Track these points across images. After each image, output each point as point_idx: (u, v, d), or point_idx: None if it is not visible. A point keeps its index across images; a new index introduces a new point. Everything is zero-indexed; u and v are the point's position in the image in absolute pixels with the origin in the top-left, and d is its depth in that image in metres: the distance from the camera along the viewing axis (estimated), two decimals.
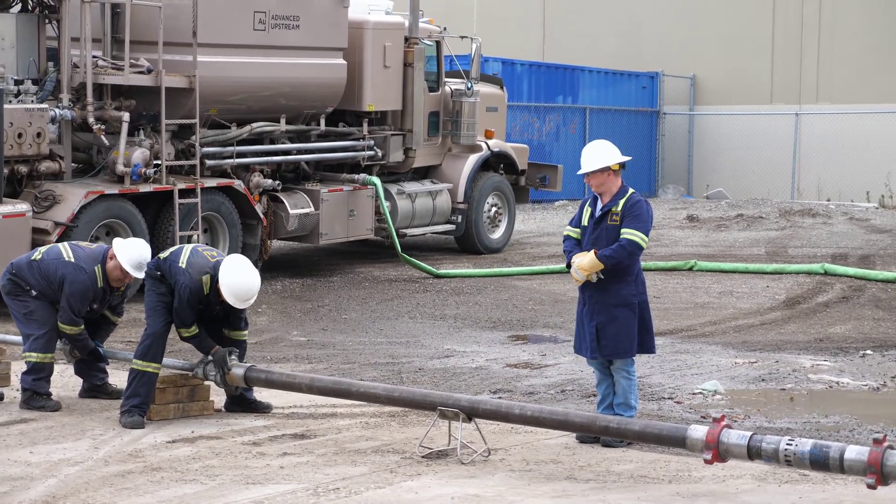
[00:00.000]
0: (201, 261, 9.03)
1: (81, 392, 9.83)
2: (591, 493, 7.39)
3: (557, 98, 29.10)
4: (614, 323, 8.57)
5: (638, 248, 8.49)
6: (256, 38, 15.90)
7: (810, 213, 25.25)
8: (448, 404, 8.15)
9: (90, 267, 9.32)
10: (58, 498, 7.13)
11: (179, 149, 15.42)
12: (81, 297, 9.30)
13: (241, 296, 8.93)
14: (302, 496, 7.23)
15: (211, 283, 8.95)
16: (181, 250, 9.15)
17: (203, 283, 8.94)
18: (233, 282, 8.90)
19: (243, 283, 8.92)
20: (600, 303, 8.61)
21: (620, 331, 8.57)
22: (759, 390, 10.63)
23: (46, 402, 9.38)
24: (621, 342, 8.58)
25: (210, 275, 8.95)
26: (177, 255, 9.10)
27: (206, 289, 8.95)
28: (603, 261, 8.48)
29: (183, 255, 9.07)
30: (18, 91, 14.00)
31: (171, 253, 9.20)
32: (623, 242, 8.48)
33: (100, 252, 9.46)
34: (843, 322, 14.08)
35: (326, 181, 17.55)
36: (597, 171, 8.60)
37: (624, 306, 8.58)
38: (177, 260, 9.04)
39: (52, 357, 9.45)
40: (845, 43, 29.43)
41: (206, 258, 9.08)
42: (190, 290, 8.89)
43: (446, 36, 19.42)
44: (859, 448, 6.73)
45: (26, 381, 9.39)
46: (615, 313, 8.57)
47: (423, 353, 12.22)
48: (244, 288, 8.93)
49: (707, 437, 7.14)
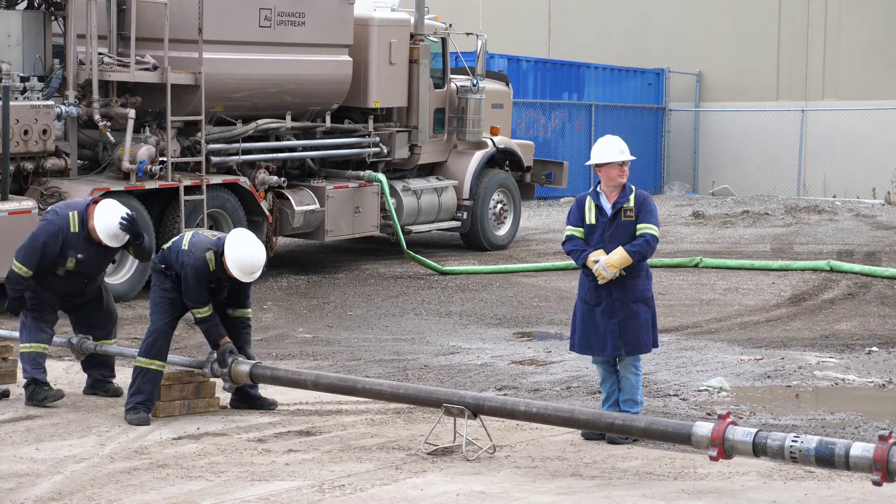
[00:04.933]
0: (203, 240, 9.06)
1: (85, 388, 9.84)
2: (596, 489, 7.39)
3: (563, 95, 29.08)
4: (635, 318, 8.59)
5: (657, 241, 8.56)
6: (262, 34, 15.90)
7: (816, 209, 25.22)
8: (453, 401, 8.15)
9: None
10: (63, 494, 7.14)
11: (185, 146, 15.43)
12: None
13: (247, 268, 8.90)
14: (307, 493, 7.23)
15: (216, 258, 8.93)
16: (182, 237, 9.18)
17: (207, 259, 8.91)
18: (238, 255, 8.88)
19: (249, 256, 8.89)
20: (621, 299, 8.60)
21: (641, 326, 8.62)
22: (764, 387, 10.62)
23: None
24: (641, 337, 8.62)
25: (213, 251, 8.94)
26: (178, 241, 9.13)
27: (211, 265, 8.93)
28: (633, 256, 8.50)
29: (184, 239, 9.10)
30: (24, 88, 14.01)
31: (173, 242, 9.22)
32: (647, 237, 8.52)
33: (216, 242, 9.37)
34: (848, 319, 14.07)
35: (332, 178, 17.55)
36: (617, 163, 8.61)
37: (642, 302, 8.65)
38: (179, 245, 9.06)
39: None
40: (851, 39, 29.38)
41: (208, 237, 9.12)
42: (196, 269, 8.88)
43: (452, 32, 19.41)
44: (865, 445, 6.73)
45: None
46: (635, 309, 8.60)
47: (429, 349, 12.23)
48: (249, 260, 8.89)
49: (712, 433, 7.13)
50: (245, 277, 8.94)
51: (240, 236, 9.02)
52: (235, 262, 8.88)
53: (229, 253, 8.89)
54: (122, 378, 9.80)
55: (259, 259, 8.96)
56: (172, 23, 14.76)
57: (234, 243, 8.92)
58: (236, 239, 8.97)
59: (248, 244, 8.95)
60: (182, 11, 14.99)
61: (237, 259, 8.88)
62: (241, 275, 8.91)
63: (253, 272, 8.96)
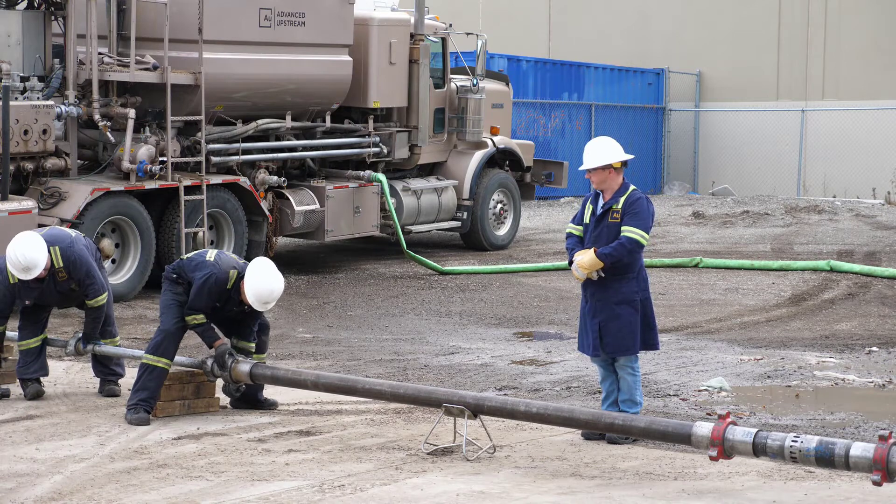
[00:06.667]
0: (230, 259, 9.26)
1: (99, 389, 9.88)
2: (596, 489, 7.39)
3: (563, 95, 29.08)
4: (617, 320, 8.56)
5: (638, 245, 8.48)
6: (262, 34, 15.90)
7: (816, 209, 25.22)
8: (453, 401, 8.16)
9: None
10: (63, 494, 7.14)
11: (185, 145, 15.43)
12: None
13: (263, 297, 8.97)
14: (307, 493, 7.24)
15: (236, 279, 9.03)
16: (206, 252, 9.31)
17: (230, 276, 9.03)
18: (257, 282, 8.97)
19: (268, 285, 8.97)
20: (602, 300, 8.60)
21: (623, 328, 8.56)
22: (764, 387, 10.62)
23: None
24: (624, 339, 8.57)
25: (237, 271, 9.06)
26: (202, 254, 9.27)
27: (230, 283, 9.02)
28: (603, 259, 8.47)
29: (209, 254, 9.24)
30: (24, 88, 14.01)
31: (196, 253, 9.35)
32: (623, 240, 8.47)
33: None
34: (848, 319, 14.07)
35: (332, 178, 17.55)
36: (598, 168, 8.59)
37: (626, 304, 8.57)
38: (202, 257, 9.20)
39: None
40: (851, 39, 29.39)
41: (235, 259, 9.31)
42: (216, 278, 8.98)
43: (452, 32, 19.41)
44: (865, 445, 6.73)
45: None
46: (617, 311, 8.56)
47: (429, 349, 12.23)
48: (267, 290, 8.97)
49: (712, 433, 7.14)
50: (258, 305, 9.02)
51: (263, 265, 9.11)
52: (253, 289, 8.97)
53: (249, 279, 8.99)
54: (128, 379, 9.80)
55: (276, 291, 9.04)
56: (172, 23, 14.76)
57: (255, 271, 9.03)
58: (259, 267, 9.07)
59: (270, 275, 9.04)
60: (182, 11, 14.99)
61: (255, 286, 8.97)
62: (256, 301, 8.99)
63: (267, 302, 9.03)
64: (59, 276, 9.36)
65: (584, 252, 8.56)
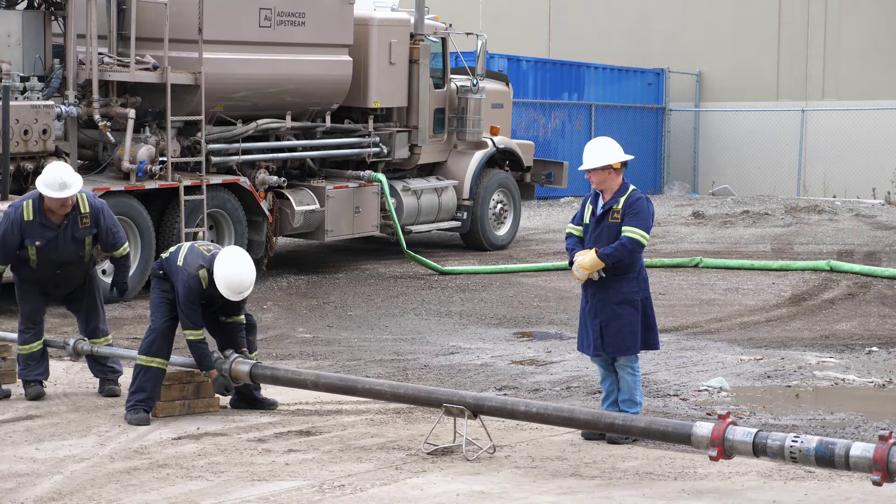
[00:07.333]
0: (195, 257, 8.99)
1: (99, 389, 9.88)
2: (596, 489, 7.39)
3: (563, 95, 29.09)
4: (617, 320, 8.56)
5: (639, 245, 8.49)
6: (262, 34, 15.90)
7: (816, 209, 25.22)
8: (453, 401, 8.15)
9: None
10: (63, 494, 7.14)
11: (185, 146, 15.43)
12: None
13: (234, 287, 8.84)
14: (307, 493, 7.23)
15: (209, 276, 8.90)
16: (179, 249, 9.14)
17: (200, 277, 8.88)
18: (226, 273, 8.82)
19: (236, 275, 8.82)
20: (603, 300, 8.60)
21: (623, 328, 8.56)
22: (764, 387, 10.62)
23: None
24: (624, 339, 8.58)
25: (206, 268, 8.90)
26: (175, 254, 9.09)
27: (204, 283, 8.90)
28: (603, 259, 8.47)
29: (180, 254, 9.06)
30: (24, 88, 14.01)
31: (171, 252, 9.19)
32: (623, 241, 8.47)
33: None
34: (848, 319, 14.07)
35: (332, 178, 17.55)
36: (598, 168, 8.60)
37: (626, 304, 8.58)
38: (175, 259, 9.03)
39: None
40: (851, 39, 29.38)
41: (202, 252, 9.03)
42: (189, 288, 8.87)
43: (452, 32, 19.41)
44: (865, 445, 6.73)
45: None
46: (618, 311, 8.56)
47: (429, 349, 12.23)
48: (237, 279, 8.82)
49: (712, 433, 7.14)
50: (233, 296, 8.89)
51: (230, 255, 8.95)
52: (224, 281, 8.83)
53: (218, 271, 8.83)
54: (127, 378, 9.80)
55: (248, 278, 8.88)
56: (172, 23, 14.76)
57: (223, 262, 8.87)
58: (226, 257, 8.90)
59: (238, 263, 8.89)
60: (182, 11, 14.99)
61: (226, 277, 8.83)
62: (230, 293, 8.85)
63: (241, 291, 8.88)
64: (83, 221, 9.39)
65: (585, 252, 8.57)
